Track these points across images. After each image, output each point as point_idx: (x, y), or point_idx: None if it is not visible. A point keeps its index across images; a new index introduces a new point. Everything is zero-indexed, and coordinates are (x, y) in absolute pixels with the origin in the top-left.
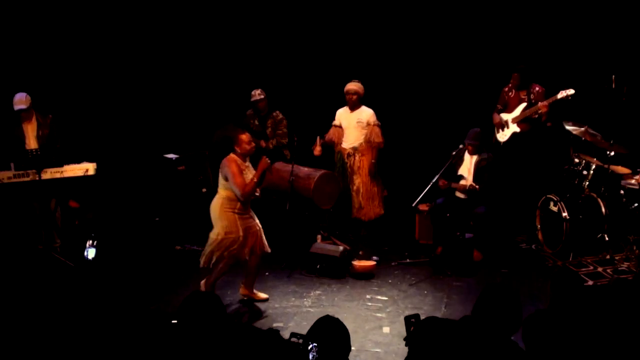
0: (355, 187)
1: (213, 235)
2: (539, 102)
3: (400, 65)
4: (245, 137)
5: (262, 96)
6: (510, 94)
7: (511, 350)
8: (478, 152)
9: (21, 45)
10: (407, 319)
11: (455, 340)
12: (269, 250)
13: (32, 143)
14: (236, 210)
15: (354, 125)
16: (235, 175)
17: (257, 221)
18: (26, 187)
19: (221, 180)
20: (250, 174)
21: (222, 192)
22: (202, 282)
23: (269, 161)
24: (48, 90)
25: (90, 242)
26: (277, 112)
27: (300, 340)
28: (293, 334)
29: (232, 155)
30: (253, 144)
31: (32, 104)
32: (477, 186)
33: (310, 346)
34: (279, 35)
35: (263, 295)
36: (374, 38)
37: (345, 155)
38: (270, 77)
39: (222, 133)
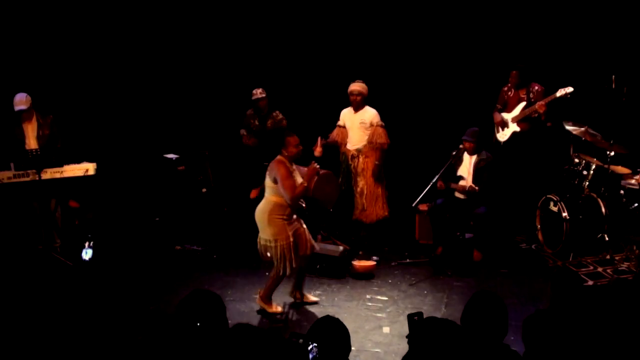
0: (359, 189)
1: (264, 243)
2: (538, 101)
3: (400, 66)
4: (293, 139)
5: (263, 95)
6: (509, 93)
7: (506, 354)
8: (477, 152)
9: (21, 45)
10: (410, 317)
11: (454, 341)
12: (317, 247)
13: (32, 143)
14: (285, 217)
15: (357, 126)
16: (284, 177)
17: (302, 221)
18: (26, 187)
19: (269, 184)
20: (299, 177)
21: (270, 198)
22: (257, 296)
23: (318, 167)
24: (48, 90)
25: (88, 243)
26: (277, 112)
27: (301, 341)
28: (293, 334)
29: (280, 157)
30: (301, 147)
31: (33, 104)
32: (476, 188)
33: (311, 346)
34: (279, 35)
35: (314, 298)
36: (374, 38)
37: (349, 157)
38: (270, 77)
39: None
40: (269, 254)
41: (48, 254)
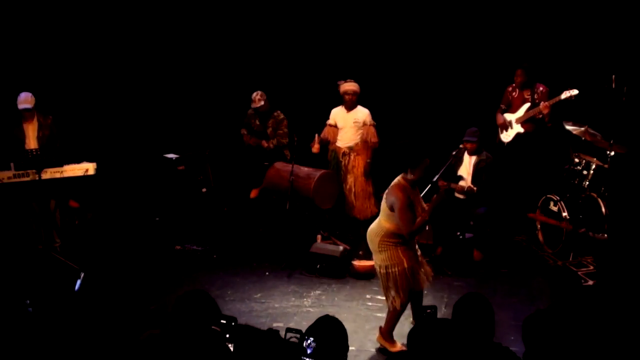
0: (348, 187)
1: (377, 268)
2: (542, 103)
3: (402, 65)
4: (427, 160)
5: (262, 102)
6: (514, 93)
7: (499, 351)
8: (477, 152)
9: (22, 45)
10: (423, 309)
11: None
12: (422, 287)
13: (32, 143)
14: (400, 242)
15: (350, 125)
16: (403, 209)
17: (420, 253)
18: (26, 187)
19: (385, 209)
20: (420, 202)
21: (384, 224)
22: (378, 333)
23: (443, 194)
24: (48, 90)
25: (81, 275)
26: (278, 112)
27: (298, 336)
28: (289, 329)
29: (401, 180)
30: (424, 173)
31: (35, 105)
32: (474, 188)
33: (309, 341)
34: (279, 35)
35: (399, 346)
36: (374, 38)
37: (340, 154)
38: (270, 77)
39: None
40: (380, 282)
41: (48, 254)
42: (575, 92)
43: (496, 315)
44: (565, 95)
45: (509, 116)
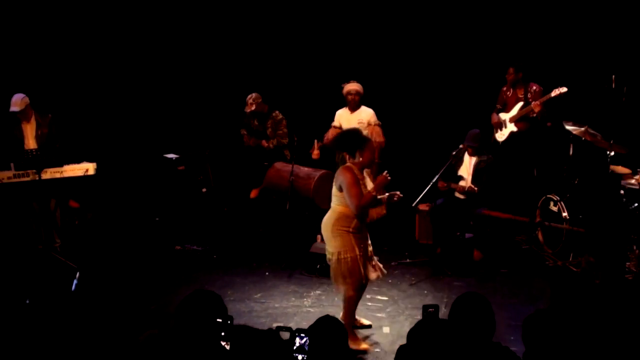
0: None
1: (329, 256)
2: (533, 101)
3: (401, 66)
4: (371, 144)
5: (254, 106)
6: (508, 93)
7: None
8: (478, 153)
9: (21, 45)
10: (425, 308)
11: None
12: (373, 278)
13: (31, 143)
14: (351, 230)
15: (354, 125)
16: (351, 184)
17: (369, 243)
18: (26, 187)
19: (335, 192)
20: (369, 185)
21: (336, 207)
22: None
23: (389, 178)
24: (48, 90)
25: (77, 274)
26: (277, 112)
27: (288, 333)
28: (279, 327)
29: (349, 164)
30: (375, 158)
31: (30, 104)
32: (475, 188)
33: (304, 339)
34: (279, 35)
35: (365, 322)
36: (374, 38)
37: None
38: (270, 77)
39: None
40: (332, 271)
41: (48, 254)
42: (564, 89)
43: (496, 315)
44: (554, 93)
45: (503, 115)
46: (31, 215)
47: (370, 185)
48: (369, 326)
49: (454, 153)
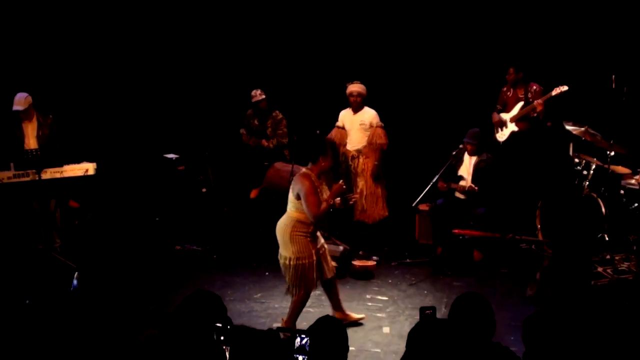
0: (359, 190)
1: (284, 261)
2: (535, 101)
3: (401, 66)
4: (336, 150)
5: (263, 96)
6: (508, 93)
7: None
8: (477, 153)
9: (21, 45)
10: (423, 310)
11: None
12: (328, 277)
13: (31, 143)
14: (308, 235)
15: (357, 127)
16: (309, 193)
17: (323, 241)
18: (26, 187)
19: (292, 199)
20: (325, 193)
21: (293, 214)
22: (283, 320)
23: (344, 187)
24: (48, 90)
25: (76, 274)
26: (277, 112)
27: (288, 334)
28: (280, 328)
29: (307, 171)
30: (333, 162)
31: (33, 104)
32: (475, 187)
33: (305, 340)
34: (279, 35)
35: (357, 316)
36: (374, 38)
37: (349, 158)
38: (270, 77)
39: (312, 137)
40: (287, 275)
41: (48, 254)
42: (565, 88)
43: (496, 315)
44: (555, 91)
45: (504, 115)
46: (31, 215)
47: (326, 191)
48: (362, 318)
49: (454, 153)
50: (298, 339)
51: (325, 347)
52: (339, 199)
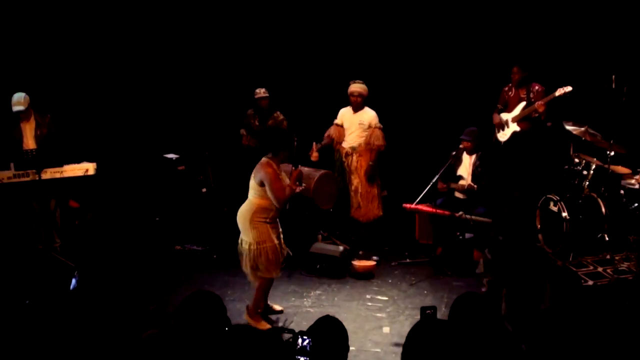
0: (353, 187)
1: (245, 246)
2: (537, 102)
3: (401, 66)
4: (293, 145)
5: (266, 95)
6: (510, 93)
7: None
8: (475, 151)
9: (20, 45)
10: (423, 310)
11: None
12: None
13: (30, 143)
14: (269, 220)
15: (355, 126)
16: (273, 180)
17: (281, 230)
18: (26, 187)
19: (254, 187)
20: (286, 179)
21: (255, 200)
22: (245, 311)
23: (302, 170)
24: (47, 90)
25: (76, 273)
26: (278, 112)
27: (290, 335)
28: (282, 329)
29: (267, 159)
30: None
31: (31, 104)
32: (475, 186)
33: (306, 341)
34: (279, 36)
35: (278, 307)
36: (374, 38)
37: (344, 155)
38: (270, 77)
39: (279, 130)
40: (247, 260)
41: (48, 254)
42: (569, 88)
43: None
44: (559, 92)
45: (505, 115)
46: (31, 215)
47: (285, 177)
48: (281, 311)
49: (453, 153)
50: (300, 340)
51: (325, 347)
52: (302, 186)
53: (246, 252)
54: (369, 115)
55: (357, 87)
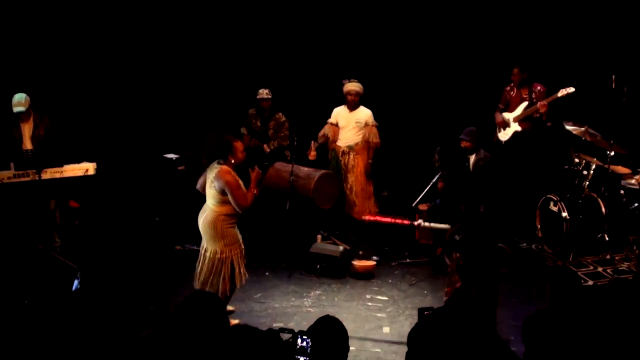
0: (349, 186)
1: (212, 255)
2: (539, 102)
3: (401, 66)
4: (240, 145)
5: (269, 96)
6: (512, 92)
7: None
8: (474, 151)
9: (20, 45)
10: (421, 311)
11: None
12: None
13: (27, 143)
14: (235, 224)
15: (352, 125)
16: (235, 187)
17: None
18: (26, 187)
19: (216, 196)
20: (242, 184)
21: (218, 209)
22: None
23: (260, 171)
24: (47, 90)
25: (78, 274)
26: (280, 114)
27: (290, 335)
28: (280, 329)
29: (224, 167)
30: (245, 153)
31: (31, 104)
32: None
33: (306, 341)
34: (279, 36)
35: (229, 307)
36: (375, 38)
37: (340, 153)
38: (270, 77)
39: (216, 138)
40: (206, 269)
41: (48, 254)
42: (571, 89)
43: (496, 315)
44: (562, 93)
45: (507, 115)
46: (31, 215)
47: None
48: (232, 312)
49: (433, 181)
50: (299, 340)
51: (325, 347)
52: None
53: (213, 261)
54: (365, 113)
55: (354, 86)
